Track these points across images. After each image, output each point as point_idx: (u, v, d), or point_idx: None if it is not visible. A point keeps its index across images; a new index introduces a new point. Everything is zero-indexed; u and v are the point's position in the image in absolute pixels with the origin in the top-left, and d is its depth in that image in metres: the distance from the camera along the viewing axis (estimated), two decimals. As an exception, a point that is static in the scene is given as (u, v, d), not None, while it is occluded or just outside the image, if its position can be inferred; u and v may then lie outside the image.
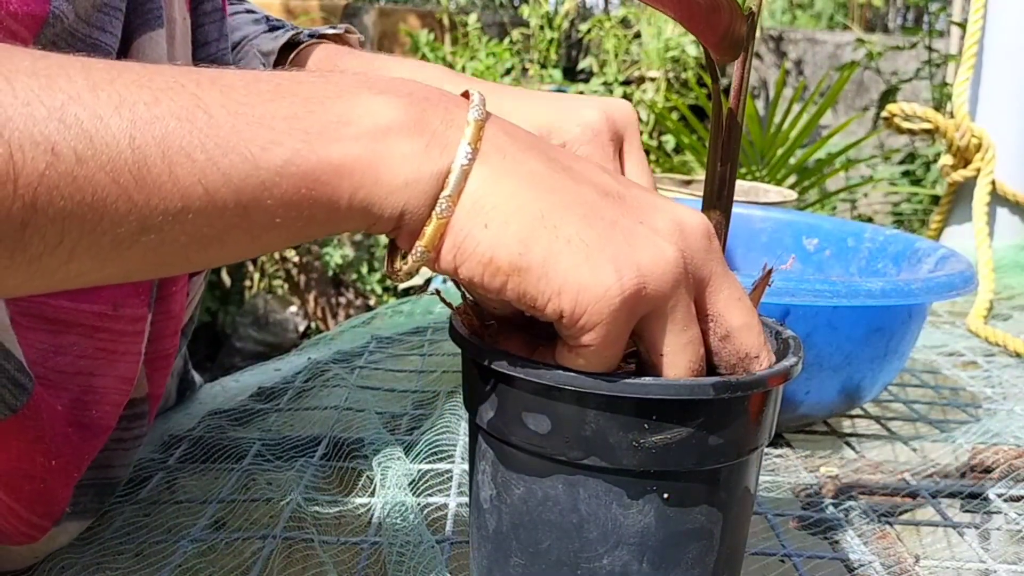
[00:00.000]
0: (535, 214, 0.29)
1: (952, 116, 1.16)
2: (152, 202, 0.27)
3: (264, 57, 0.56)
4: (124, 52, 0.42)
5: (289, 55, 0.57)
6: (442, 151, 0.29)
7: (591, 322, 0.29)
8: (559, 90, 3.20)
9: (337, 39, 0.59)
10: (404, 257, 0.31)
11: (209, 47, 0.52)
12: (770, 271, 0.39)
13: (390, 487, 0.50)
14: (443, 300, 0.37)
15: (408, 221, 0.30)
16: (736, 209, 0.80)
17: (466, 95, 0.31)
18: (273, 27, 0.59)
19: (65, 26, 0.37)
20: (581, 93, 3.22)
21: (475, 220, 0.29)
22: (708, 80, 0.44)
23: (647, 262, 0.30)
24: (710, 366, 0.34)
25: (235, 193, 0.27)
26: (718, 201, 0.35)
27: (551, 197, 0.30)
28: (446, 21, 3.60)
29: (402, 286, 2.80)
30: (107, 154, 0.26)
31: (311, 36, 0.58)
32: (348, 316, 3.10)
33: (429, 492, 0.52)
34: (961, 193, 1.21)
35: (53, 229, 0.26)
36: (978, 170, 1.16)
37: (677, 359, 0.31)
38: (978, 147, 1.15)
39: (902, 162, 2.75)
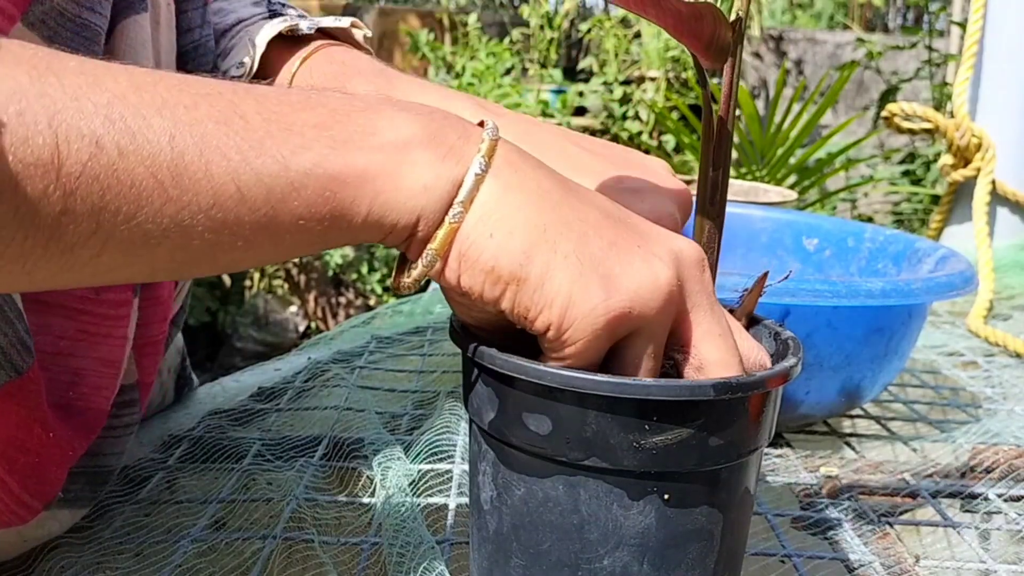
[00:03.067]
0: (539, 227, 0.31)
1: (952, 116, 1.16)
2: (185, 198, 0.28)
3: (255, 48, 0.54)
4: (109, 34, 0.42)
5: (292, 50, 0.54)
6: (457, 162, 0.31)
7: (573, 337, 0.31)
8: (559, 91, 3.19)
9: (342, 34, 0.56)
10: (412, 267, 0.32)
11: (192, 33, 0.52)
12: (765, 274, 0.39)
13: (390, 487, 0.50)
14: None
15: (422, 228, 0.31)
16: (736, 209, 0.81)
17: (481, 124, 0.33)
18: (273, 13, 0.57)
19: (54, 4, 0.37)
20: (581, 93, 3.20)
21: (482, 229, 0.31)
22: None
23: (637, 285, 0.31)
24: None
25: (265, 192, 0.29)
26: (711, 206, 0.36)
27: (554, 213, 0.31)
28: (446, 21, 3.60)
29: (402, 286, 2.81)
30: (148, 150, 0.27)
31: (313, 29, 0.55)
32: (348, 316, 3.10)
33: (429, 492, 0.52)
34: (961, 193, 1.21)
35: (89, 219, 0.27)
36: (978, 170, 1.16)
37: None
38: (978, 147, 1.15)
39: (902, 162, 2.75)
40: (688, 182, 1.01)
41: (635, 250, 0.31)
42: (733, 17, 0.33)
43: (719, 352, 0.33)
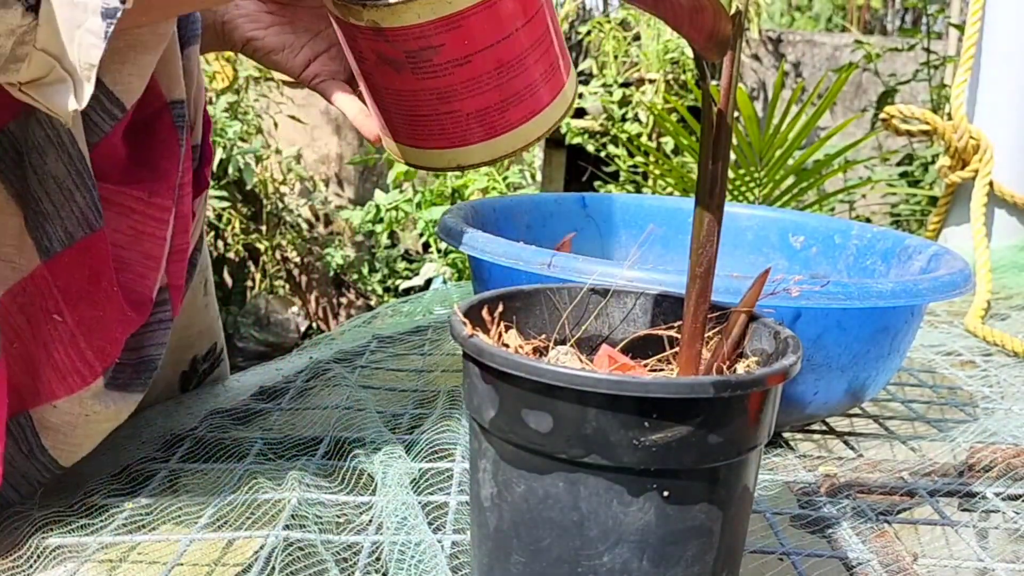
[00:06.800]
0: None
1: (950, 117, 1.17)
2: None
3: None
4: None
5: None
6: None
7: None
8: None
9: None
10: None
11: None
12: (766, 272, 0.39)
13: (391, 486, 0.50)
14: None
15: None
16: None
17: None
18: None
19: None
20: (580, 95, 3.21)
21: None
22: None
23: None
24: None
25: None
26: (710, 199, 0.36)
27: None
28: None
29: (403, 286, 2.80)
30: None
31: None
32: (349, 316, 3.10)
33: (430, 491, 0.52)
34: (959, 194, 1.22)
35: None
36: (976, 171, 1.16)
37: None
38: (976, 148, 1.15)
39: (900, 163, 2.75)
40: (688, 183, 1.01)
41: None
42: (733, 11, 0.33)
43: None
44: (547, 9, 0.53)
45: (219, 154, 2.60)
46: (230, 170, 2.64)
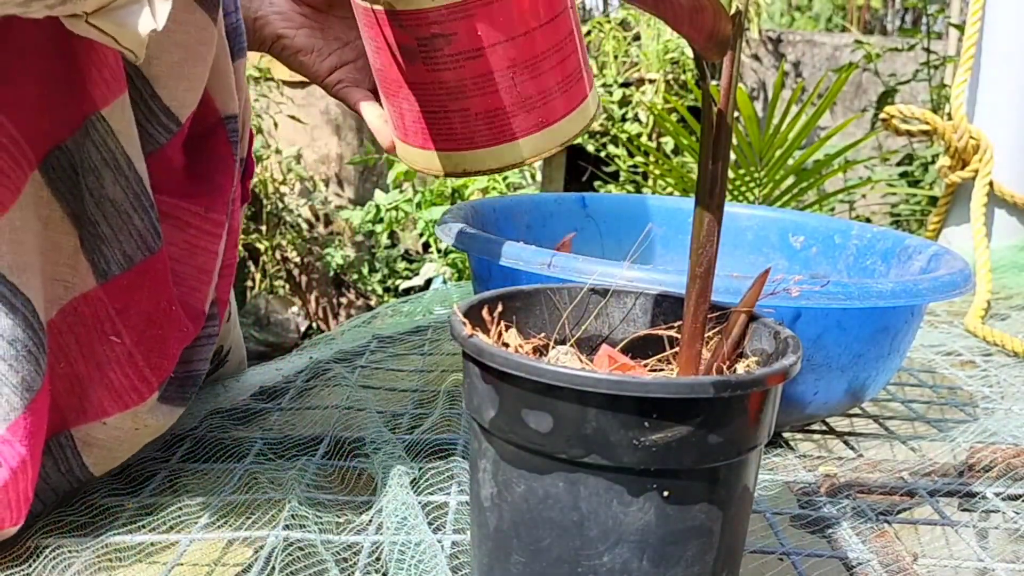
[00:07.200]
0: None
1: (950, 117, 1.17)
2: None
3: None
4: None
5: None
6: None
7: None
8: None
9: None
10: None
11: (229, 17, 0.57)
12: (766, 271, 0.39)
13: (391, 486, 0.50)
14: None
15: None
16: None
17: None
18: None
19: None
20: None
21: None
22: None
23: None
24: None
25: None
26: (710, 199, 0.36)
27: None
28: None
29: (403, 286, 2.81)
30: None
31: None
32: (349, 316, 3.10)
33: (430, 491, 0.52)
34: (959, 194, 1.22)
35: None
36: (976, 171, 1.16)
37: None
38: (976, 148, 1.15)
39: (900, 163, 2.75)
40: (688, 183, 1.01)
41: None
42: (733, 11, 0.33)
43: None
44: (573, 18, 0.52)
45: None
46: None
